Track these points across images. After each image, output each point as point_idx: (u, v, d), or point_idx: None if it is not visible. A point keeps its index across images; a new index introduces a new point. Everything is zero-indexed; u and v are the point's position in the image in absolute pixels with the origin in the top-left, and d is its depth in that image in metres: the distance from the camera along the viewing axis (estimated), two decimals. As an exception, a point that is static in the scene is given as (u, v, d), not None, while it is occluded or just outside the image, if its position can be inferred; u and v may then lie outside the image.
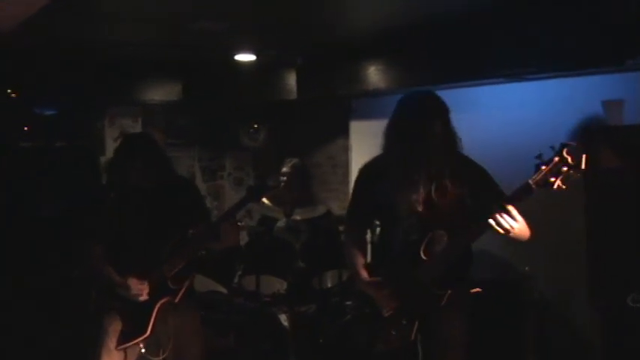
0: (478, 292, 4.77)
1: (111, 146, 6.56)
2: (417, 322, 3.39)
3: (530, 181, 3.06)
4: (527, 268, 4.91)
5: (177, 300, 3.90)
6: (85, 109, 6.72)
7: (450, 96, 5.34)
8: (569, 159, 2.97)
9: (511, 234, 3.17)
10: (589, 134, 4.08)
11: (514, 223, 3.14)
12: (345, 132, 6.77)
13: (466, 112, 5.38)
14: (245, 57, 6.10)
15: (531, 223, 3.49)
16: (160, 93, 6.71)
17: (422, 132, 3.34)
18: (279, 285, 5.27)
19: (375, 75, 5.75)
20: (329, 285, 5.40)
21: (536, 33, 4.46)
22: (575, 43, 4.25)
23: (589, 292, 4.06)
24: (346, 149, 6.79)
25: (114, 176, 4.04)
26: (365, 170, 3.71)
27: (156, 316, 3.86)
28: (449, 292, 3.34)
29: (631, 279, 3.88)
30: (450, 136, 3.42)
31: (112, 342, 3.87)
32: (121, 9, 4.39)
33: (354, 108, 6.64)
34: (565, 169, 2.98)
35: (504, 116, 5.11)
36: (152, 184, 3.95)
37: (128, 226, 3.96)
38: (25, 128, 6.40)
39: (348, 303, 5.09)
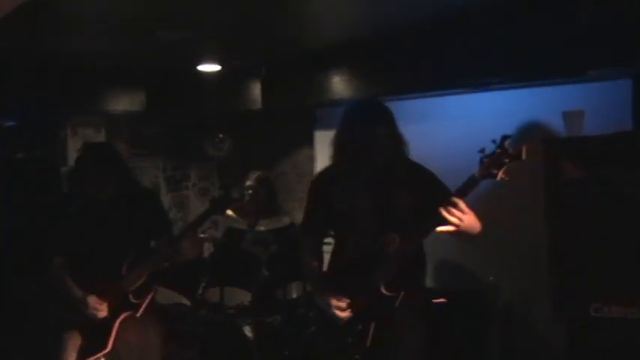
0: (442, 302, 4.84)
1: (73, 157, 6.43)
2: (372, 326, 3.42)
3: (475, 174, 3.18)
4: (491, 278, 4.93)
5: (138, 314, 3.86)
6: (47, 120, 6.63)
7: (415, 105, 5.44)
8: (510, 150, 3.10)
9: (461, 226, 3.21)
10: (550, 144, 4.10)
11: (462, 215, 3.19)
12: (309, 141, 6.76)
13: (430, 121, 5.45)
14: (209, 67, 6.07)
15: (495, 233, 3.51)
16: (124, 103, 6.64)
17: (366, 138, 3.41)
18: (243, 296, 5.23)
19: (339, 84, 5.75)
20: (294, 296, 5.37)
21: (499, 43, 4.49)
22: (537, 53, 4.28)
23: (552, 303, 4.08)
24: (311, 159, 6.78)
25: (74, 187, 4.00)
26: (316, 180, 3.83)
27: (117, 330, 3.82)
28: (402, 293, 3.39)
29: (593, 288, 3.90)
30: (395, 142, 3.48)
31: (71, 357, 3.82)
32: (83, 18, 4.35)
33: (318, 117, 6.64)
34: (506, 160, 3.10)
35: (468, 125, 5.13)
36: (112, 195, 3.90)
37: (88, 238, 3.91)
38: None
39: (313, 314, 5.07)
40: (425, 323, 3.63)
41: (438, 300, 4.88)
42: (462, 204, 3.18)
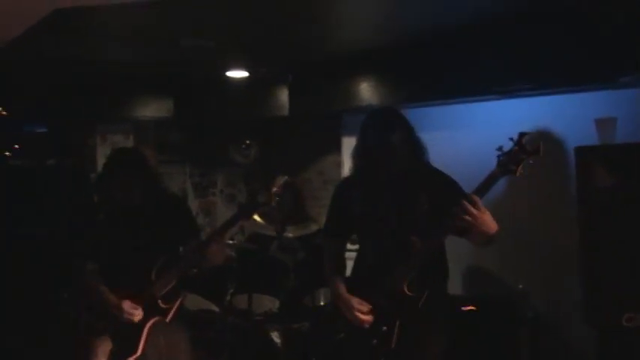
0: (471, 309, 4.81)
1: (102, 163, 6.51)
2: (397, 325, 3.44)
3: (494, 171, 3.23)
4: (520, 286, 4.89)
5: (168, 319, 3.88)
6: (76, 127, 6.69)
7: (443, 113, 5.42)
8: (527, 147, 3.16)
9: (476, 224, 3.21)
10: (582, 152, 4.07)
11: (478, 213, 3.20)
12: (336, 148, 6.76)
13: (458, 129, 5.42)
14: (236, 73, 6.09)
15: (525, 240, 3.50)
16: (152, 109, 6.69)
17: (381, 145, 3.43)
18: (271, 303, 5.24)
19: (366, 91, 5.75)
20: (322, 302, 5.36)
21: (529, 50, 4.47)
22: (568, 60, 4.27)
23: (584, 312, 4.04)
24: (338, 165, 6.77)
25: (102, 193, 4.01)
26: (340, 186, 3.85)
27: (146, 335, 3.83)
28: (426, 293, 3.41)
29: (626, 298, 3.86)
30: (411, 147, 3.49)
31: (101, 362, 3.84)
32: (111, 27, 4.38)
33: (345, 124, 6.63)
34: (524, 156, 3.17)
35: (496, 134, 5.07)
36: (140, 200, 3.91)
37: (118, 244, 3.93)
38: (16, 146, 6.37)
39: (341, 320, 5.06)
40: (448, 323, 3.63)
41: (467, 307, 4.85)
42: (479, 203, 3.20)
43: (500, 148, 3.22)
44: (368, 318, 3.49)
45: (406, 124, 3.54)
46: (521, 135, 3.20)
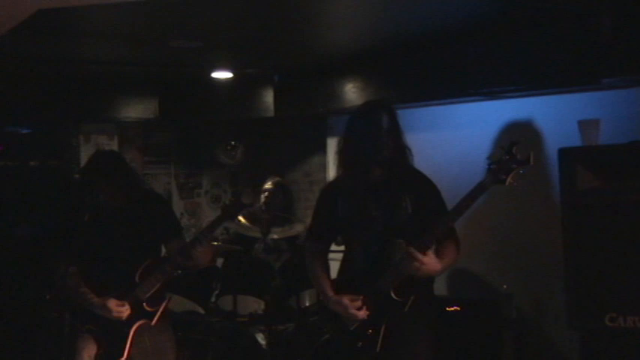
0: (456, 310, 4.83)
1: (87, 164, 6.50)
2: (382, 329, 3.46)
3: (484, 180, 3.26)
4: (505, 287, 4.91)
5: (153, 322, 3.87)
6: (60, 127, 6.65)
7: (428, 114, 5.43)
8: (518, 156, 3.18)
9: (419, 273, 3.37)
10: (566, 154, 4.08)
11: (422, 265, 3.33)
12: (322, 149, 6.76)
13: (442, 130, 5.44)
14: (222, 74, 6.08)
15: (509, 242, 3.51)
16: (136, 110, 6.66)
17: (371, 147, 3.45)
18: (256, 304, 5.23)
19: (352, 92, 5.75)
20: (307, 304, 5.37)
21: (513, 51, 4.48)
22: (551, 61, 4.27)
23: (567, 312, 4.05)
24: (323, 166, 6.77)
25: (84, 195, 4.00)
26: (325, 189, 3.91)
27: (132, 339, 3.83)
28: (412, 297, 3.43)
29: (609, 299, 3.87)
30: (399, 149, 3.53)
31: (87, 366, 3.82)
32: (96, 26, 4.36)
33: (331, 125, 6.64)
34: (514, 165, 3.18)
35: (481, 134, 5.12)
36: (123, 202, 3.91)
37: (101, 246, 3.93)
38: (-1, 147, 6.33)
39: (326, 322, 5.07)
40: (434, 328, 3.65)
41: (452, 308, 4.87)
42: (421, 257, 3.32)
43: (490, 157, 3.23)
44: (364, 312, 3.48)
45: (396, 124, 3.54)
46: (512, 144, 3.20)
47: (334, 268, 3.86)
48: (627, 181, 3.87)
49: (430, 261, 3.36)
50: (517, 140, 3.21)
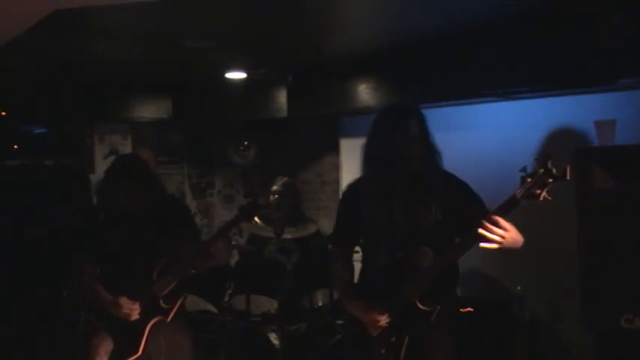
0: (469, 311, 4.81)
1: (100, 164, 6.54)
2: (406, 339, 3.38)
3: (516, 194, 3.09)
4: (519, 288, 4.89)
5: (169, 319, 3.89)
6: (75, 127, 6.69)
7: (442, 115, 5.42)
8: (554, 170, 3.01)
9: (503, 244, 3.16)
10: (581, 154, 4.06)
11: (504, 233, 3.14)
12: (334, 149, 6.76)
13: (458, 131, 5.42)
14: (235, 75, 6.09)
15: (524, 243, 3.47)
16: (150, 110, 6.70)
17: (396, 147, 3.35)
18: (269, 304, 5.23)
19: (365, 93, 5.76)
20: (320, 304, 5.36)
21: (528, 52, 4.47)
22: (567, 62, 4.26)
23: (582, 314, 4.03)
24: (336, 166, 6.78)
25: (104, 198, 4.03)
26: (348, 191, 3.74)
27: (147, 335, 3.85)
28: (438, 307, 3.35)
29: (624, 300, 3.86)
30: (428, 150, 3.43)
31: (102, 361, 3.84)
32: (110, 27, 4.37)
33: (343, 125, 6.64)
34: (550, 180, 3.02)
35: (496, 135, 5.11)
36: (142, 205, 3.93)
37: (118, 247, 3.94)
38: (14, 146, 6.35)
39: (339, 322, 5.06)
40: (454, 334, 3.57)
41: (465, 309, 4.85)
42: (502, 222, 3.13)
43: (523, 169, 3.08)
44: (385, 318, 3.41)
45: (424, 125, 3.44)
46: (546, 156, 3.05)
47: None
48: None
49: (513, 232, 3.19)
50: (551, 153, 3.09)
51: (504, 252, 3.28)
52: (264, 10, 4.08)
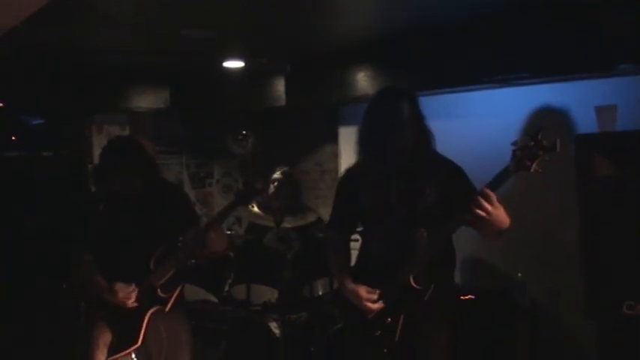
0: (470, 298, 4.81)
1: (99, 154, 6.51)
2: (401, 318, 3.41)
3: (508, 166, 3.13)
4: (519, 275, 4.89)
5: (167, 309, 3.87)
6: (73, 118, 6.67)
7: (440, 102, 5.41)
8: (544, 142, 3.04)
9: (489, 220, 3.15)
10: (582, 141, 4.05)
11: (492, 209, 3.14)
12: (333, 138, 6.75)
13: (457, 118, 5.41)
14: (233, 64, 6.07)
15: (523, 230, 3.49)
16: (148, 100, 6.69)
17: (390, 132, 3.37)
18: (269, 293, 5.23)
19: (363, 81, 5.74)
20: (320, 293, 5.36)
21: (527, 38, 4.45)
22: (567, 47, 4.23)
23: (584, 301, 4.03)
24: (335, 155, 6.76)
25: (100, 183, 3.99)
26: (343, 178, 3.79)
27: (146, 325, 3.83)
28: (432, 286, 3.37)
29: (626, 286, 3.85)
30: (421, 134, 3.44)
31: (102, 353, 3.83)
32: (108, 17, 4.35)
33: (342, 114, 6.62)
34: (541, 152, 3.04)
35: (496, 122, 5.09)
36: (139, 189, 3.89)
37: (116, 234, 3.92)
38: (12, 138, 6.35)
39: (339, 311, 5.07)
40: (453, 318, 3.60)
41: (466, 297, 4.85)
42: (494, 198, 3.14)
43: (515, 143, 3.11)
44: (378, 306, 3.45)
45: (417, 109, 3.46)
46: (538, 129, 3.08)
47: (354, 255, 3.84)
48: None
49: (501, 211, 3.19)
50: (543, 126, 3.11)
51: (488, 236, 3.33)
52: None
